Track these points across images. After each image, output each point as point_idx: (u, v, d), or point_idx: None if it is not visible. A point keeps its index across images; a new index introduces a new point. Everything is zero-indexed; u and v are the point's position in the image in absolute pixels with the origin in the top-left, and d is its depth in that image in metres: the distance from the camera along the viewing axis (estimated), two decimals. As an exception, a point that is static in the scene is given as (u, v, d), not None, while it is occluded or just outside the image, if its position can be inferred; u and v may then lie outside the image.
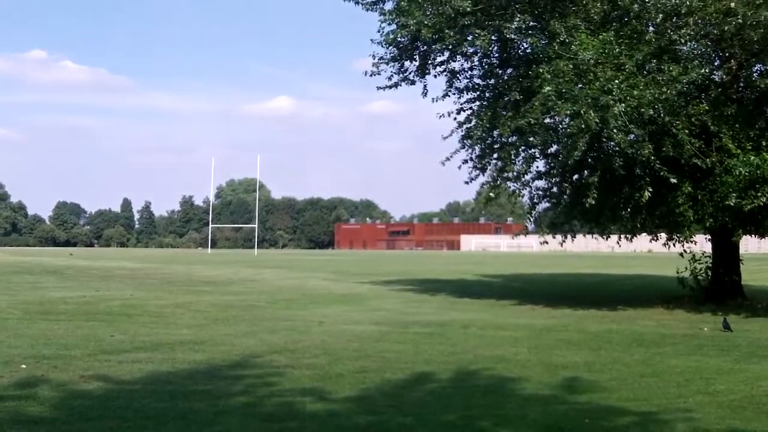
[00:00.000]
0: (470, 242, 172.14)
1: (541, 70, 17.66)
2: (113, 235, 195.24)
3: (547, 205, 22.87)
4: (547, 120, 18.46)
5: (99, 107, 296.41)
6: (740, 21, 16.96)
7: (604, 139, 18.06)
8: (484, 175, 21.36)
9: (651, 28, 18.33)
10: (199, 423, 7.44)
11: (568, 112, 16.91)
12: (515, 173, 20.10)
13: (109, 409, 7.94)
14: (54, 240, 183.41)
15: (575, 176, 21.41)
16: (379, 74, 21.44)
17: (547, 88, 17.13)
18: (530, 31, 19.59)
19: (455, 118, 21.43)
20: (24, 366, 10.28)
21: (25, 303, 20.05)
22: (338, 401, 8.43)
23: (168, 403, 8.31)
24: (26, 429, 7.13)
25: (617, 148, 17.79)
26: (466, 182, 21.92)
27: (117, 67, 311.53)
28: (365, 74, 21.46)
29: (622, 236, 23.62)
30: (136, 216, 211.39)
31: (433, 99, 21.47)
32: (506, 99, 20.12)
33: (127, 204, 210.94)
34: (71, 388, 8.94)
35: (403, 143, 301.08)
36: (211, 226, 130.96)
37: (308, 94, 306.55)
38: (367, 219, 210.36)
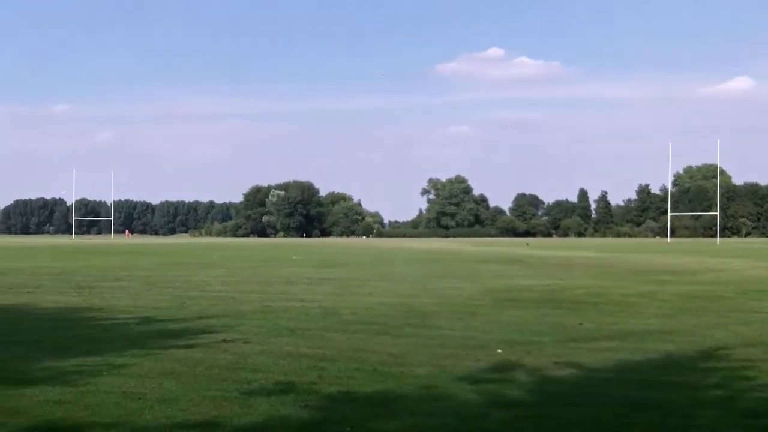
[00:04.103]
0: None
1: None
2: (570, 225, 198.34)
3: None
4: None
5: (551, 100, 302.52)
6: None
7: None
8: None
9: None
10: (678, 414, 7.24)
11: None
12: None
13: (584, 396, 8.02)
14: (513, 230, 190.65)
15: None
16: None
17: None
18: None
19: None
20: (499, 351, 10.75)
21: (492, 290, 21.03)
22: (830, 401, 7.73)
23: (642, 392, 8.20)
24: (506, 411, 7.43)
25: None
26: None
27: (569, 60, 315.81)
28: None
29: None
30: (593, 206, 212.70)
31: None
32: None
33: (583, 194, 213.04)
34: (545, 374, 9.18)
35: None
36: (669, 214, 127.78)
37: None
38: None
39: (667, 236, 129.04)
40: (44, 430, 6.68)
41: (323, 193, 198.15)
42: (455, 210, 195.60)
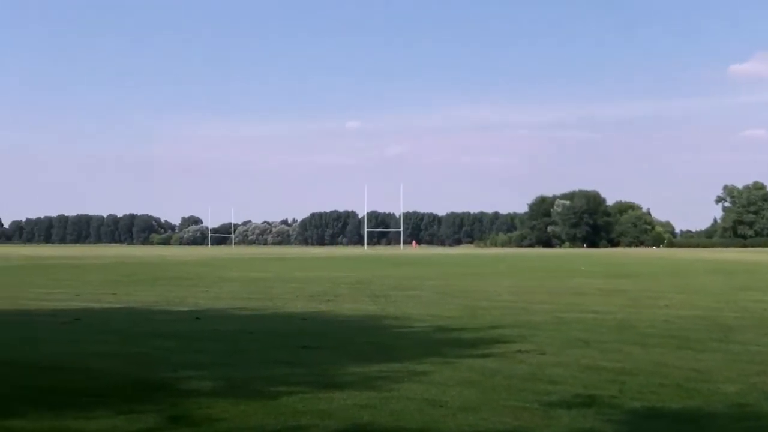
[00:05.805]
0: None
1: None
2: None
3: None
4: None
5: None
6: None
7: None
8: None
9: None
10: None
11: None
12: None
13: None
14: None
15: None
16: None
17: None
18: None
19: None
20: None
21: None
22: None
23: None
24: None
25: None
26: None
27: None
28: None
29: None
30: None
31: None
32: None
33: None
34: None
35: None
36: None
37: None
38: None
39: None
40: (352, 433, 6.95)
41: (610, 202, 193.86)
42: (754, 218, 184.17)
